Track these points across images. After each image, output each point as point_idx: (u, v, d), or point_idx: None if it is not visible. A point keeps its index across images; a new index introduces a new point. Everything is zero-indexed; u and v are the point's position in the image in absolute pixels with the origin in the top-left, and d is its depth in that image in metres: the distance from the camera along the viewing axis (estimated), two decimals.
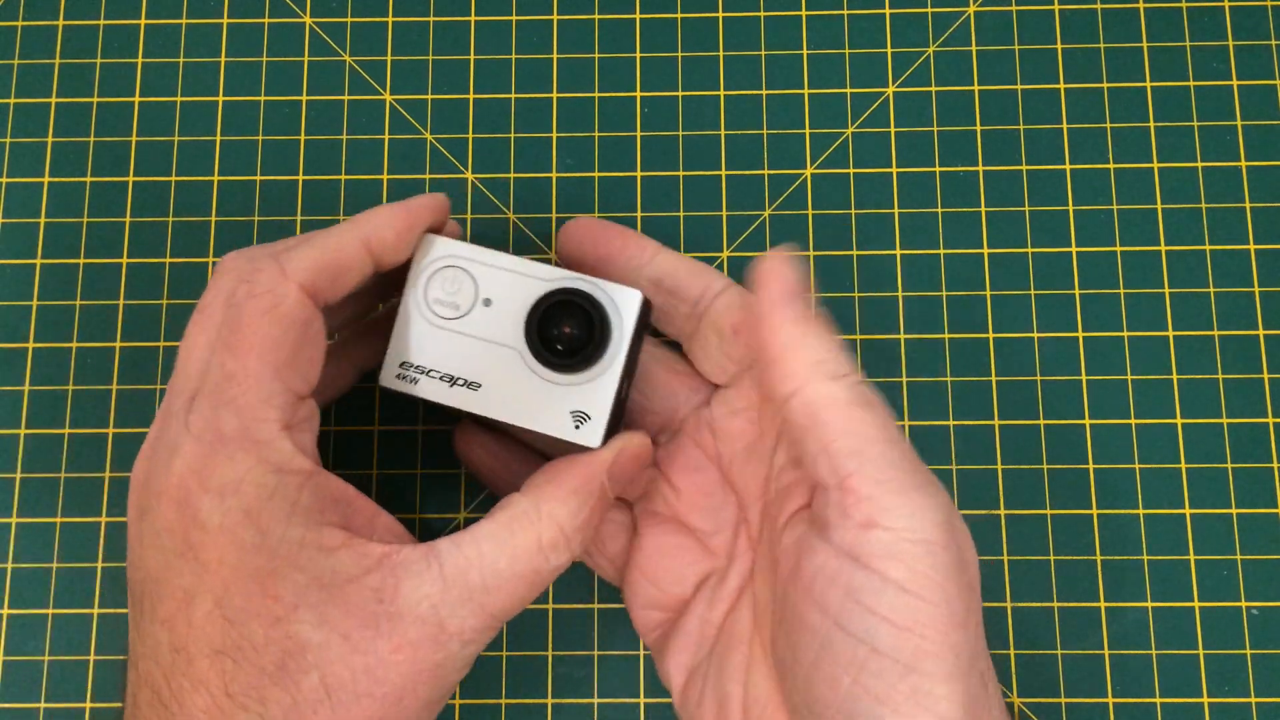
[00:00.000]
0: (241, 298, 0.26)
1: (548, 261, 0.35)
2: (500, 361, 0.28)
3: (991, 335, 0.35)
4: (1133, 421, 0.35)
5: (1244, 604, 0.33)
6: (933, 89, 0.37)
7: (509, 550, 0.26)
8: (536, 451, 0.33)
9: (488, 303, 0.28)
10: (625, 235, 0.31)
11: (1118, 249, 0.36)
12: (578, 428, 0.28)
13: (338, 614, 0.24)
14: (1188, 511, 0.34)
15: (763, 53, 0.37)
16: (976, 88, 0.37)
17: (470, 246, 0.29)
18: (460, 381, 0.28)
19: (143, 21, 0.38)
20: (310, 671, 0.24)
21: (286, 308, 0.26)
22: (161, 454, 0.25)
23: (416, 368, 0.28)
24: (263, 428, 0.25)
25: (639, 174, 0.36)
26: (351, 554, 0.25)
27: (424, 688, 0.25)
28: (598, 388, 0.28)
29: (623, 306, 0.28)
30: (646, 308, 0.28)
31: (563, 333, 0.28)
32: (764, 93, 0.37)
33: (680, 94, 0.37)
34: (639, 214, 0.36)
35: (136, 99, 0.37)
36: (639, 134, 0.37)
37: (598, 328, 0.27)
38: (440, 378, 0.28)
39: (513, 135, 0.37)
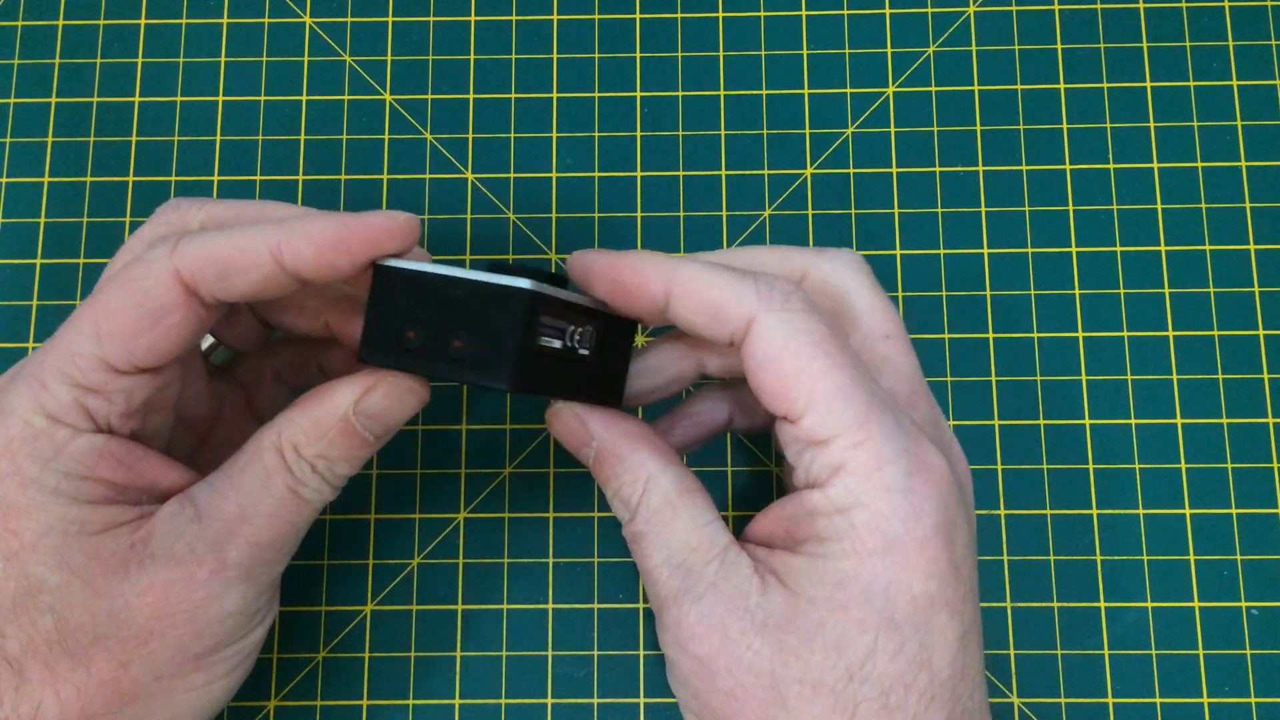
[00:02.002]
0: (128, 261, 0.26)
1: (546, 262, 0.35)
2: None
3: (991, 335, 0.35)
4: (1133, 421, 0.35)
5: (1244, 604, 0.33)
6: (933, 89, 0.37)
7: (259, 478, 0.26)
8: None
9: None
10: (624, 286, 0.26)
11: (1118, 249, 0.36)
12: None
13: (81, 560, 0.25)
14: (1188, 511, 0.34)
15: (763, 53, 0.37)
16: (976, 88, 0.37)
17: (427, 265, 0.26)
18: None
19: (143, 21, 0.38)
20: (46, 613, 0.25)
21: (147, 285, 0.25)
22: None
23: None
24: (51, 375, 0.25)
25: (639, 174, 0.36)
26: (112, 509, 0.25)
27: (177, 631, 0.25)
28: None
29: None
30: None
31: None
32: (764, 93, 0.37)
33: (680, 94, 0.37)
34: (639, 214, 0.36)
35: (136, 99, 0.37)
36: (639, 134, 0.37)
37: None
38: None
39: (513, 135, 0.37)
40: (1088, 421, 0.35)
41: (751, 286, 0.25)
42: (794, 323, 0.25)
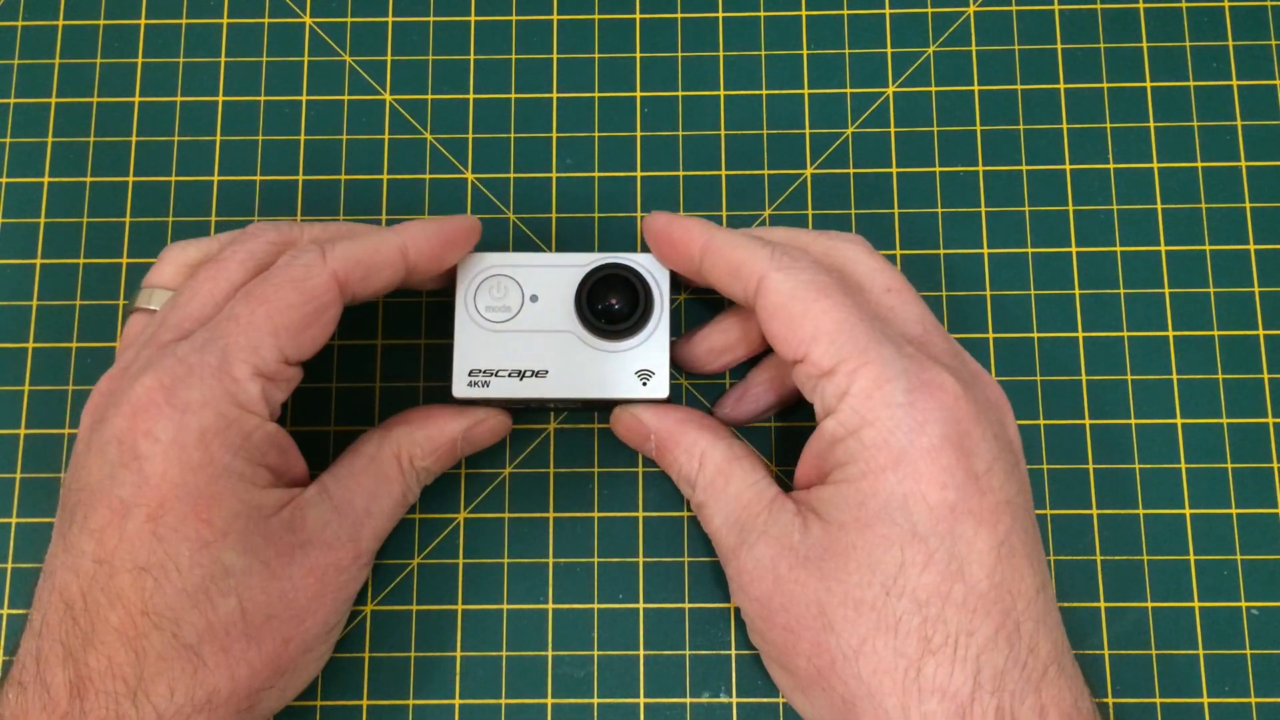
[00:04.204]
0: (280, 265, 0.28)
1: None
2: (560, 346, 0.31)
3: (991, 335, 0.35)
4: (1133, 421, 0.35)
5: (1244, 604, 0.33)
6: (933, 89, 0.37)
7: (381, 480, 0.30)
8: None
9: (534, 299, 0.31)
10: (672, 241, 0.30)
11: (1118, 249, 0.36)
12: (645, 384, 0.31)
13: (260, 542, 0.27)
14: (1188, 511, 0.34)
15: (763, 53, 0.37)
16: (976, 88, 0.37)
17: (505, 254, 0.31)
18: (528, 374, 0.31)
19: (143, 21, 0.38)
20: (230, 595, 0.26)
21: (312, 285, 0.28)
22: (133, 371, 0.27)
23: (485, 372, 0.31)
24: (240, 368, 0.27)
25: (639, 174, 0.36)
26: (274, 493, 0.28)
27: (325, 609, 0.28)
28: (652, 346, 0.31)
29: (655, 270, 0.31)
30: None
31: (611, 305, 0.30)
32: (764, 93, 0.37)
33: (680, 94, 0.37)
34: (639, 214, 0.36)
35: (136, 99, 0.37)
36: (639, 134, 0.37)
37: (641, 293, 0.30)
38: (509, 375, 0.31)
39: (513, 135, 0.37)
40: (1087, 421, 0.35)
41: (766, 250, 0.29)
42: (799, 276, 0.28)
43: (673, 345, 0.33)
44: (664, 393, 0.31)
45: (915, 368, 0.27)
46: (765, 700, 0.33)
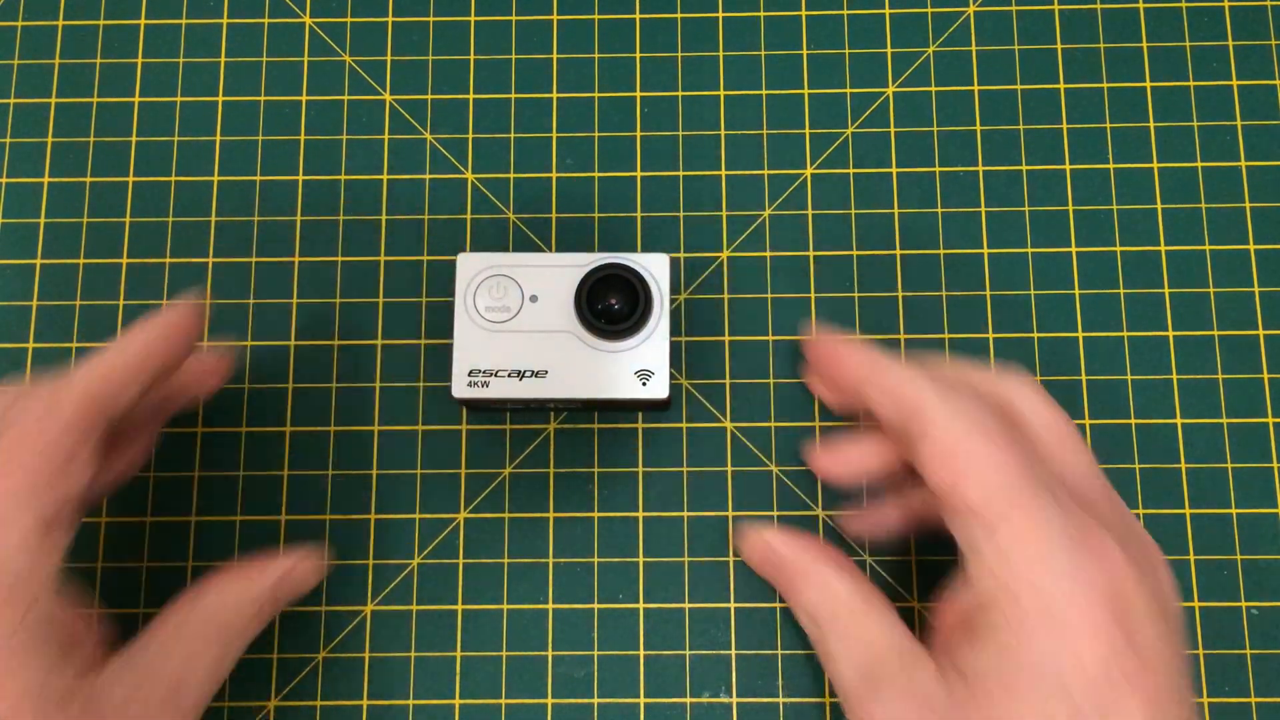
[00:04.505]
0: (20, 411, 0.27)
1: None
2: (560, 346, 0.31)
3: (991, 335, 0.35)
4: (1133, 421, 0.35)
5: (1244, 604, 0.33)
6: (933, 89, 0.37)
7: (192, 650, 0.28)
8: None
9: (534, 299, 0.31)
10: (836, 365, 0.31)
11: (1118, 249, 0.36)
12: (644, 384, 0.31)
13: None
14: (1188, 511, 0.34)
15: (763, 53, 0.37)
16: (976, 88, 0.37)
17: (505, 254, 0.31)
18: (528, 374, 0.31)
19: (143, 21, 0.38)
20: None
21: (62, 419, 0.27)
22: None
23: (484, 372, 0.31)
24: (12, 533, 0.25)
25: (639, 174, 0.36)
26: (65, 674, 0.26)
27: None
28: (652, 345, 0.31)
29: (655, 270, 0.31)
30: (675, 267, 0.32)
31: (610, 305, 0.30)
32: (764, 93, 0.37)
33: (680, 94, 0.37)
34: (639, 214, 0.36)
35: (136, 99, 0.37)
36: (639, 134, 0.37)
37: (641, 293, 0.30)
38: (509, 375, 0.31)
39: (513, 135, 0.37)
40: (1087, 421, 0.35)
41: (930, 384, 0.28)
42: (963, 416, 0.27)
43: (807, 449, 0.33)
44: (664, 393, 0.31)
45: (1078, 530, 0.26)
46: (765, 700, 0.33)
